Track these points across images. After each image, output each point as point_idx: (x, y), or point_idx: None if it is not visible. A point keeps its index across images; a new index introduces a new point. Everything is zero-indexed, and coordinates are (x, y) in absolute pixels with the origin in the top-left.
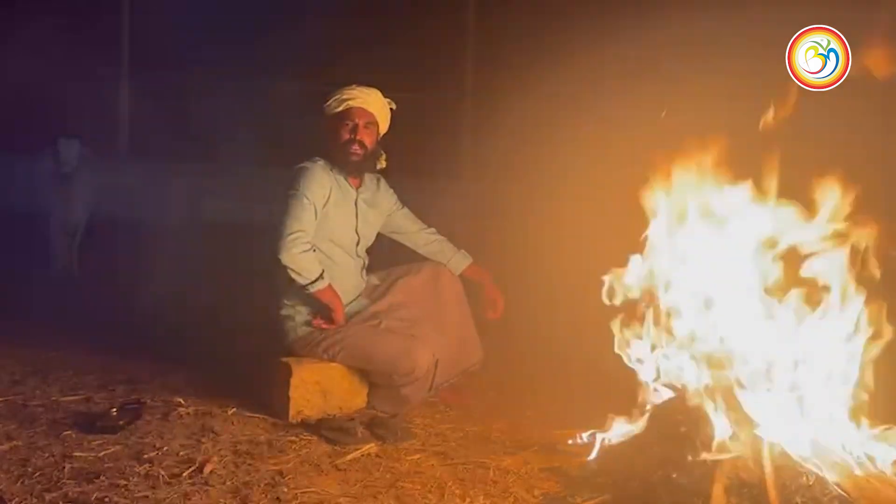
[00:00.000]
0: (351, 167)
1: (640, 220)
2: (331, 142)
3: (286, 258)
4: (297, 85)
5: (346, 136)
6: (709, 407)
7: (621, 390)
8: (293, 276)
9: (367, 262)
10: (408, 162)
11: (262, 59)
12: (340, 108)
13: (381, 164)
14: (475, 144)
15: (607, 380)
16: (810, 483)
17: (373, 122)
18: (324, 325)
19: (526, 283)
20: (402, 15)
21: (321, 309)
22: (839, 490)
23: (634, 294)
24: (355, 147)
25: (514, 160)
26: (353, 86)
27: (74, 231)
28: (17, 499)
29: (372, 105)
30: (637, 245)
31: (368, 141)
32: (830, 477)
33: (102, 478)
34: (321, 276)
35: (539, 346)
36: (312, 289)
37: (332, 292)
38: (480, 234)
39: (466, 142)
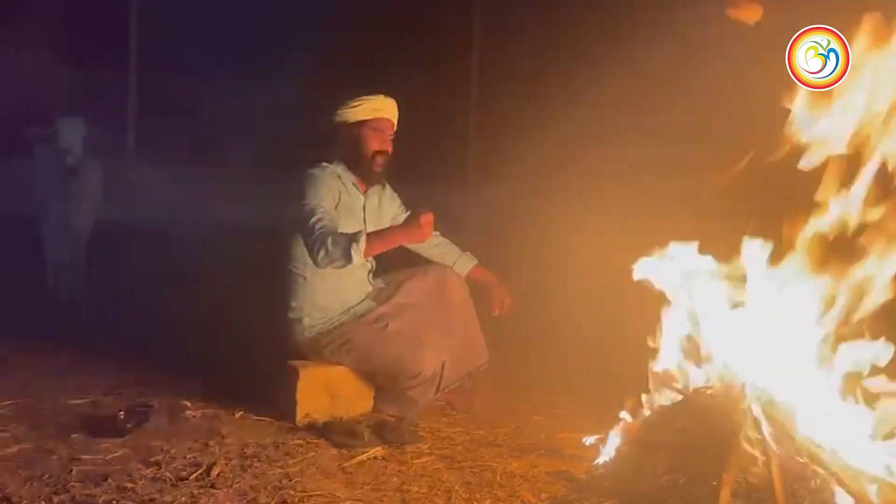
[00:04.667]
0: (374, 177)
1: (641, 220)
2: (351, 147)
3: (324, 261)
4: (305, 91)
5: (378, 147)
6: (718, 410)
7: (628, 393)
8: (344, 263)
9: (374, 266)
10: (414, 168)
11: (269, 65)
12: (369, 117)
13: None
14: (480, 150)
15: (614, 383)
16: (818, 487)
17: (393, 133)
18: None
19: (532, 287)
20: (410, 26)
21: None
22: (848, 495)
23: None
24: (383, 159)
25: (518, 166)
26: (380, 95)
27: (78, 241)
28: (25, 501)
29: (395, 117)
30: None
31: (391, 151)
32: (839, 482)
33: (110, 480)
34: (356, 240)
35: (545, 348)
36: (358, 254)
37: (381, 233)
38: (485, 237)
39: (472, 148)
